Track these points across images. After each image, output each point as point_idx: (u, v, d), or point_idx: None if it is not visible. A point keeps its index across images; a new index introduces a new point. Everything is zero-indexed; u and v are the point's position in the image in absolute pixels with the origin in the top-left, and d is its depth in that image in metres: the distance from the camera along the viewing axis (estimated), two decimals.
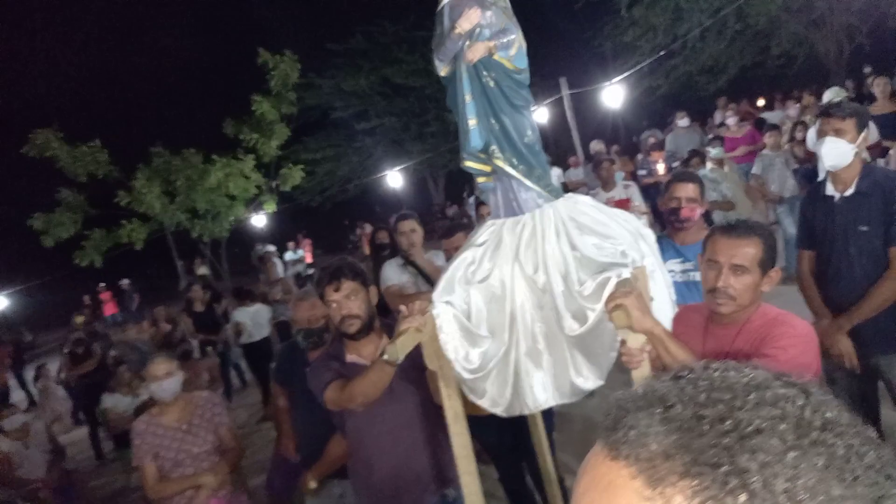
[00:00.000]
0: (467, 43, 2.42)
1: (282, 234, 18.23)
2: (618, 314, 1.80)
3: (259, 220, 14.77)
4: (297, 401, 3.35)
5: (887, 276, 2.73)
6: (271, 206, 13.64)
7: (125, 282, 14.51)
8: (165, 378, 3.39)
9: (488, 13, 2.45)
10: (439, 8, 2.60)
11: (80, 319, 10.31)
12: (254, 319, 7.56)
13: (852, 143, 2.79)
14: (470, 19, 2.42)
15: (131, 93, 21.83)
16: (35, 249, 11.77)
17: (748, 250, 1.92)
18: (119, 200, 11.83)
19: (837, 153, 2.82)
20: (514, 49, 2.47)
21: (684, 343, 1.85)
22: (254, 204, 13.87)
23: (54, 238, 11.33)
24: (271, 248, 16.95)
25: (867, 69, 14.48)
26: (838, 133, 2.81)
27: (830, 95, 7.40)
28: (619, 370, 2.03)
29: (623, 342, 1.91)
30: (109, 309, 13.38)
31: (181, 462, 3.39)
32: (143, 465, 3.34)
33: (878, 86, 6.86)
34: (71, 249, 11.87)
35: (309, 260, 15.88)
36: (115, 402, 6.21)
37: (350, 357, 2.58)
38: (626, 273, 1.97)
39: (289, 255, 14.83)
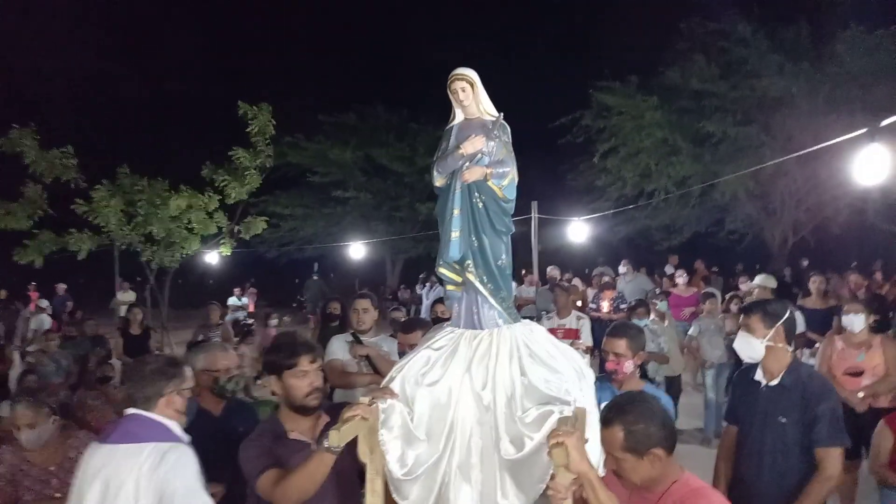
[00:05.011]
0: (467, 164, 2.67)
1: (231, 279, 17.89)
2: (558, 451, 1.91)
3: (212, 258, 14.51)
4: None
5: (816, 479, 2.83)
6: (227, 250, 13.53)
7: (61, 286, 13.90)
8: (26, 429, 3.23)
9: (491, 143, 2.72)
10: (448, 126, 2.88)
11: None
12: None
13: (761, 338, 3.04)
14: (475, 144, 2.70)
15: (116, 113, 21.70)
16: None
17: (611, 437, 2.11)
18: (76, 208, 11.66)
19: (746, 347, 3.10)
20: (506, 180, 2.74)
21: (613, 494, 1.96)
22: (210, 243, 13.75)
23: (1, 225, 11.04)
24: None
25: (805, 262, 15.79)
26: (747, 329, 3.09)
27: (759, 281, 7.91)
28: (542, 498, 2.13)
29: (553, 476, 2.01)
30: (33, 307, 12.79)
31: None
32: None
33: (814, 283, 7.46)
34: (12, 245, 11.57)
35: (251, 309, 15.56)
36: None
37: (293, 434, 2.51)
38: (567, 411, 2.12)
39: (232, 301, 14.51)
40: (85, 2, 20.49)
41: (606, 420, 2.12)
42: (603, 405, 3.28)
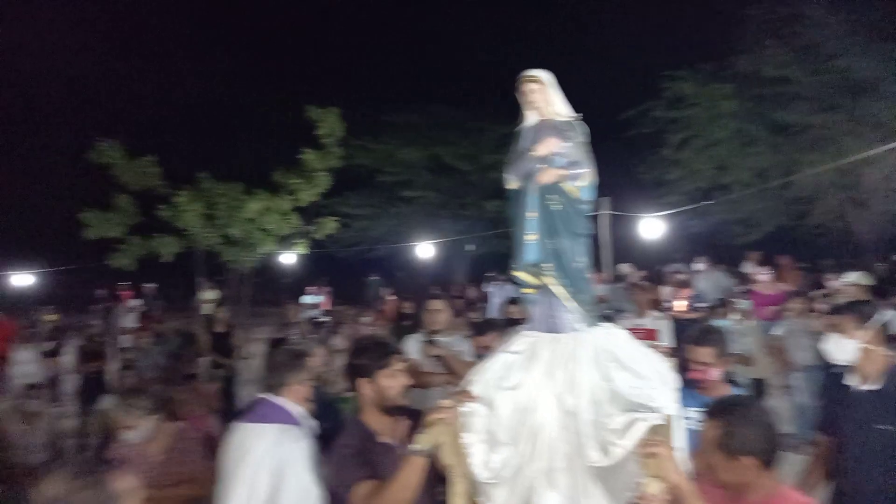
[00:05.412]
0: (541, 166, 2.64)
1: (304, 279, 18.47)
2: (651, 462, 1.90)
3: (287, 258, 15.02)
4: None
5: None
6: (304, 249, 14.11)
7: (150, 286, 14.77)
8: (124, 430, 3.37)
9: (566, 145, 2.67)
10: (520, 127, 2.84)
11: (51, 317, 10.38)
12: None
13: (854, 339, 2.85)
14: (548, 146, 2.66)
15: (189, 119, 22.91)
16: (71, 241, 12.50)
17: (709, 431, 2.04)
18: (160, 213, 12.46)
19: (838, 349, 2.91)
20: (583, 181, 2.69)
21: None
22: (285, 243, 14.31)
23: (99, 233, 11.99)
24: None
25: None
26: (836, 329, 2.91)
27: (853, 278, 7.30)
28: None
29: (642, 485, 1.98)
30: (125, 305, 13.75)
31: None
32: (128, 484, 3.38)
33: None
34: (105, 249, 12.50)
35: (327, 307, 15.96)
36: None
37: (382, 438, 2.48)
38: (654, 418, 2.08)
39: (307, 299, 14.91)
40: (155, 10, 21.73)
41: (710, 413, 2.08)
42: (689, 411, 3.20)
